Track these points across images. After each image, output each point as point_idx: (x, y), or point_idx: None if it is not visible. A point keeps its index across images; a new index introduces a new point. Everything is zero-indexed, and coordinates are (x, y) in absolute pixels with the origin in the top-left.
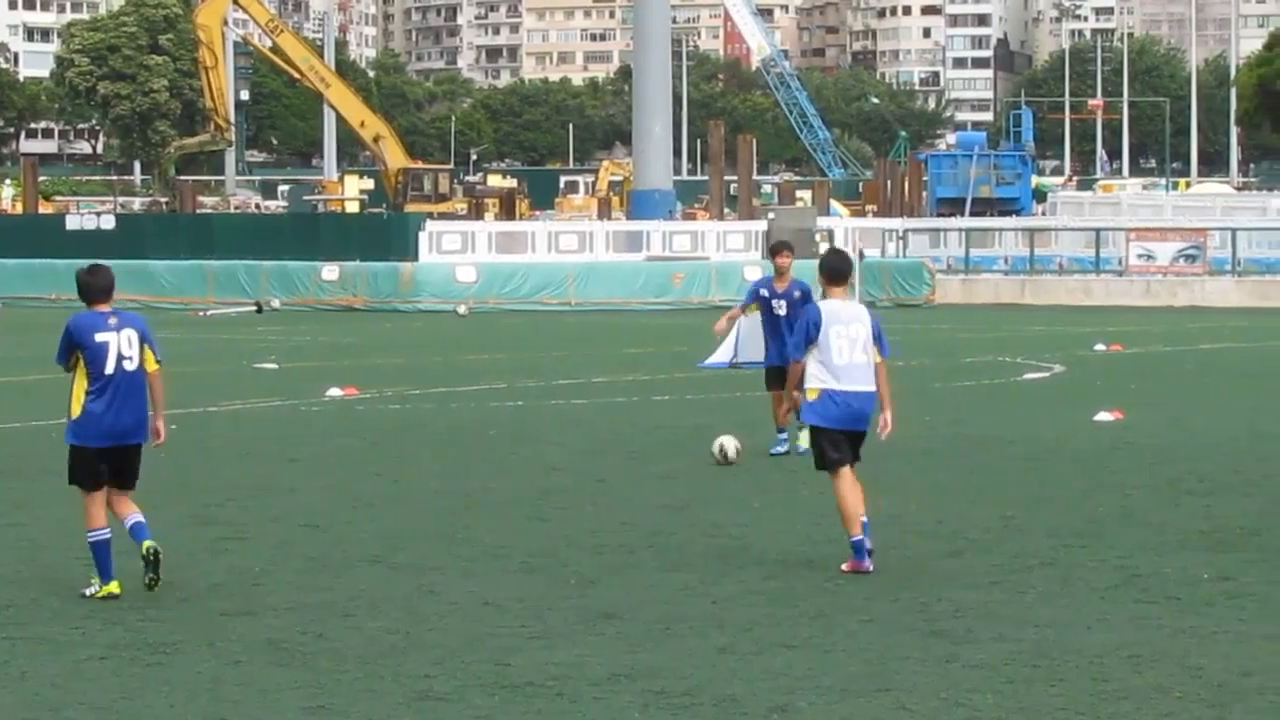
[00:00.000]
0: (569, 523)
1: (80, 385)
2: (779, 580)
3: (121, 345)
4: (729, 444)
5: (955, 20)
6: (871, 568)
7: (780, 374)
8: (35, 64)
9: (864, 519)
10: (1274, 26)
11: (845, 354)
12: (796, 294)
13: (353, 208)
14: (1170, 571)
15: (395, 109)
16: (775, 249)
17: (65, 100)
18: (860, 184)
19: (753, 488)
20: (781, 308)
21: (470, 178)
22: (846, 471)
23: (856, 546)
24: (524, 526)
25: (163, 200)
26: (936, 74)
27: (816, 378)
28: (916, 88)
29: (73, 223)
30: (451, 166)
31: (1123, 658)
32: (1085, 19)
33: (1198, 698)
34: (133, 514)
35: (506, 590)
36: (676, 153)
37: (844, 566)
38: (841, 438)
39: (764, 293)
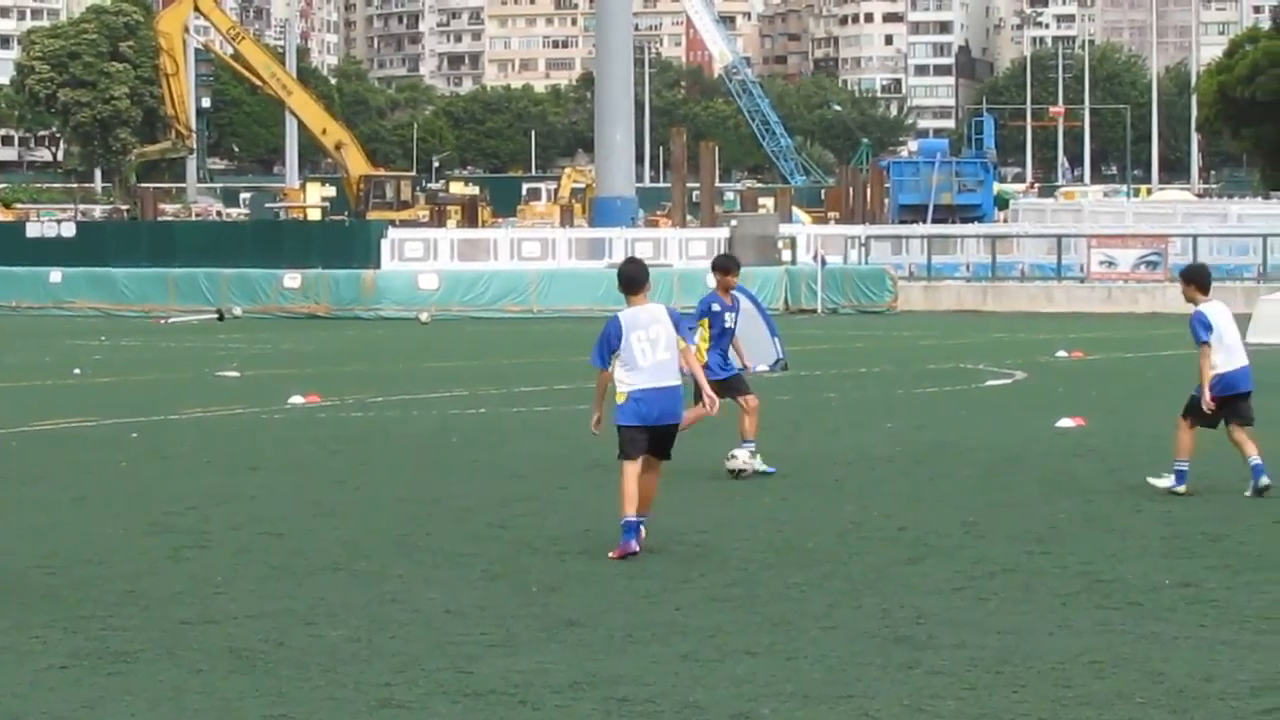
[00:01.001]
0: (531, 530)
1: None
2: (741, 587)
3: None
4: (738, 455)
5: (917, 28)
6: (638, 549)
7: (723, 386)
8: None
9: (640, 516)
10: (1234, 34)
11: (649, 356)
12: (743, 302)
13: (314, 215)
14: (1132, 577)
15: (357, 116)
16: (726, 268)
17: (25, 107)
18: (822, 191)
19: (715, 495)
20: (731, 320)
21: (432, 185)
22: (638, 464)
23: (627, 527)
24: (486, 534)
25: (124, 208)
26: (898, 81)
27: (624, 382)
28: (878, 95)
29: (33, 230)
30: (414, 174)
31: (1084, 664)
32: (1046, 26)
33: (1159, 703)
34: None
35: (468, 598)
36: (639, 160)
37: (612, 554)
38: (644, 435)
39: (716, 307)
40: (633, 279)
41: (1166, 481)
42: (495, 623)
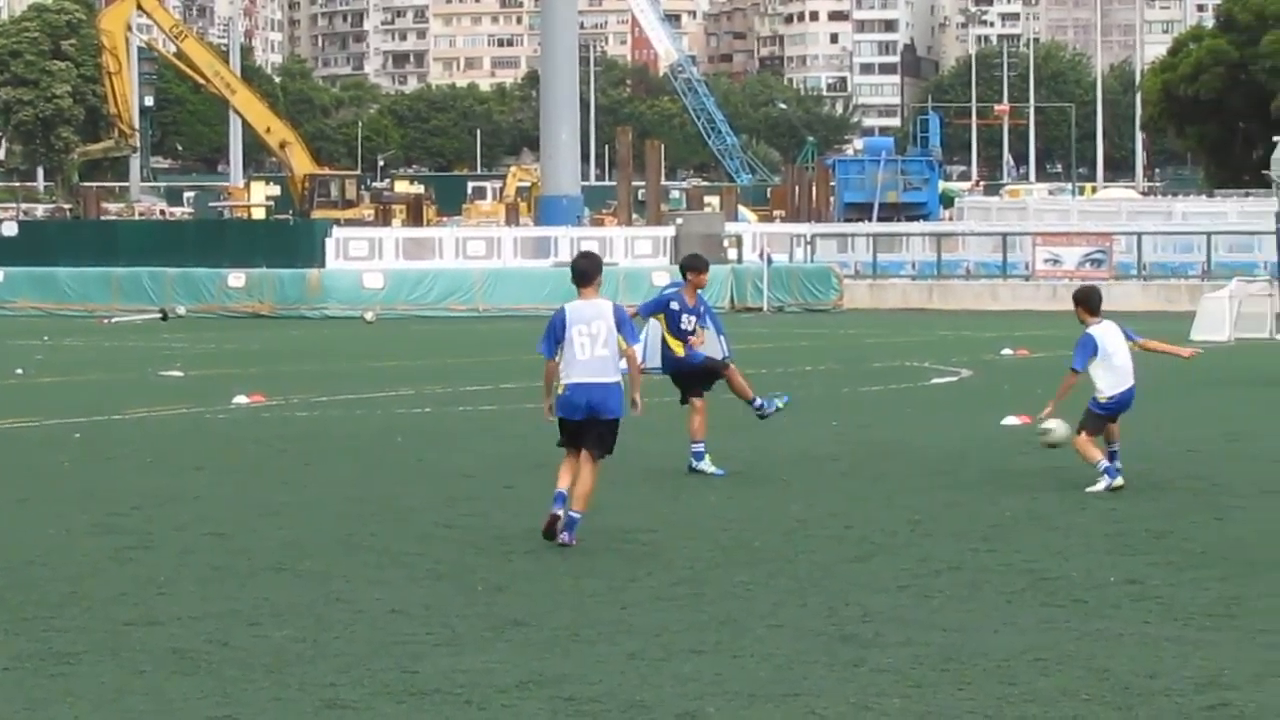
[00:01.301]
0: (477, 529)
1: None
2: (687, 586)
3: None
4: (1056, 429)
5: (862, 26)
6: (559, 514)
7: (690, 375)
8: None
9: (577, 513)
10: (1178, 32)
11: (587, 350)
12: (702, 309)
13: (259, 214)
14: (1077, 574)
15: (301, 115)
16: (698, 267)
17: None
18: (768, 189)
19: (661, 494)
20: (690, 323)
21: (377, 184)
22: (572, 458)
23: (556, 496)
24: (431, 533)
25: (67, 207)
26: (844, 79)
27: (562, 374)
28: (824, 93)
29: None
30: (359, 172)
31: (1030, 661)
32: (991, 25)
33: (1104, 700)
34: None
35: (414, 598)
36: (585, 158)
37: (542, 526)
38: (573, 429)
39: (674, 306)
40: (582, 272)
41: (1101, 484)
42: (441, 622)
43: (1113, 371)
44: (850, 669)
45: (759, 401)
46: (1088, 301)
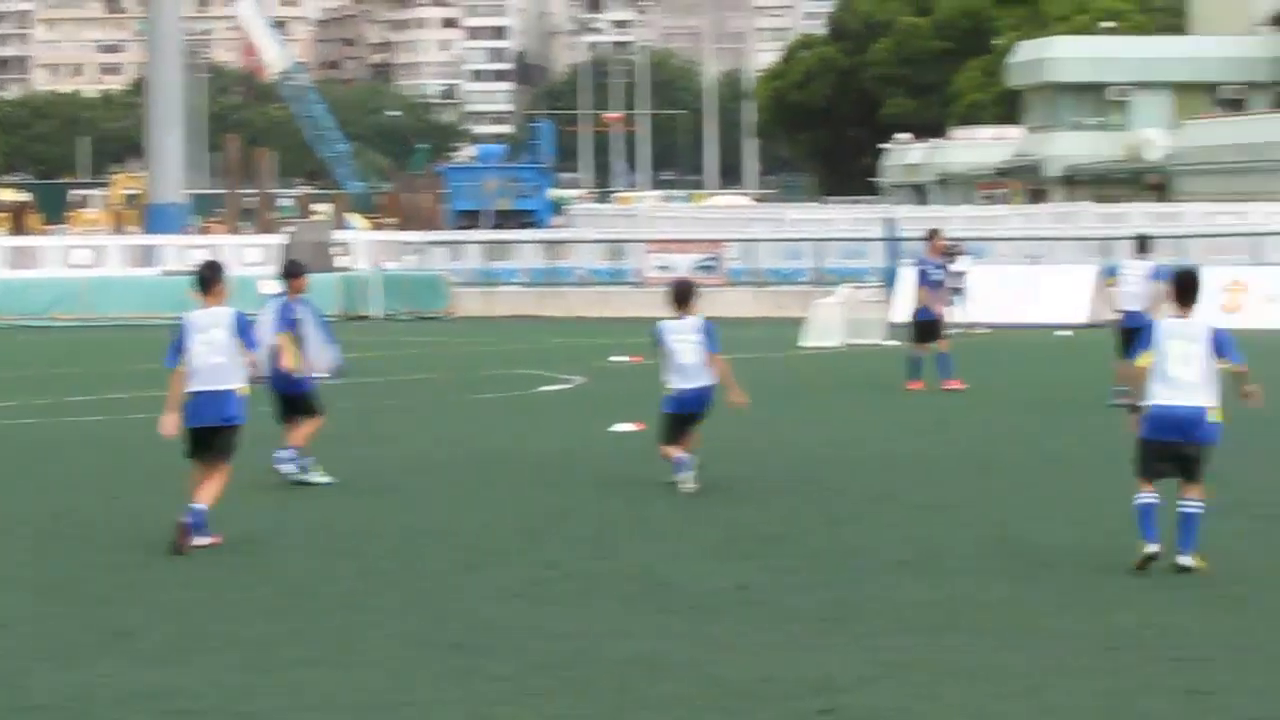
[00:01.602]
0: (83, 541)
1: None
2: (298, 597)
3: None
4: None
5: (473, 33)
6: (193, 542)
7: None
8: None
9: (202, 505)
10: (789, 40)
11: (204, 358)
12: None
13: None
14: (689, 580)
15: None
16: (296, 273)
17: None
18: (377, 197)
19: (269, 504)
20: (305, 328)
21: None
22: (201, 468)
23: (194, 515)
24: (37, 547)
25: None
26: (454, 87)
27: (188, 382)
28: (435, 100)
29: None
30: None
31: (644, 667)
32: (602, 32)
33: (719, 706)
34: None
35: (19, 611)
36: (196, 166)
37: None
38: (196, 435)
39: (299, 315)
40: (201, 279)
41: (685, 476)
42: (47, 636)
43: (671, 369)
44: (464, 677)
45: (299, 464)
46: (671, 293)
